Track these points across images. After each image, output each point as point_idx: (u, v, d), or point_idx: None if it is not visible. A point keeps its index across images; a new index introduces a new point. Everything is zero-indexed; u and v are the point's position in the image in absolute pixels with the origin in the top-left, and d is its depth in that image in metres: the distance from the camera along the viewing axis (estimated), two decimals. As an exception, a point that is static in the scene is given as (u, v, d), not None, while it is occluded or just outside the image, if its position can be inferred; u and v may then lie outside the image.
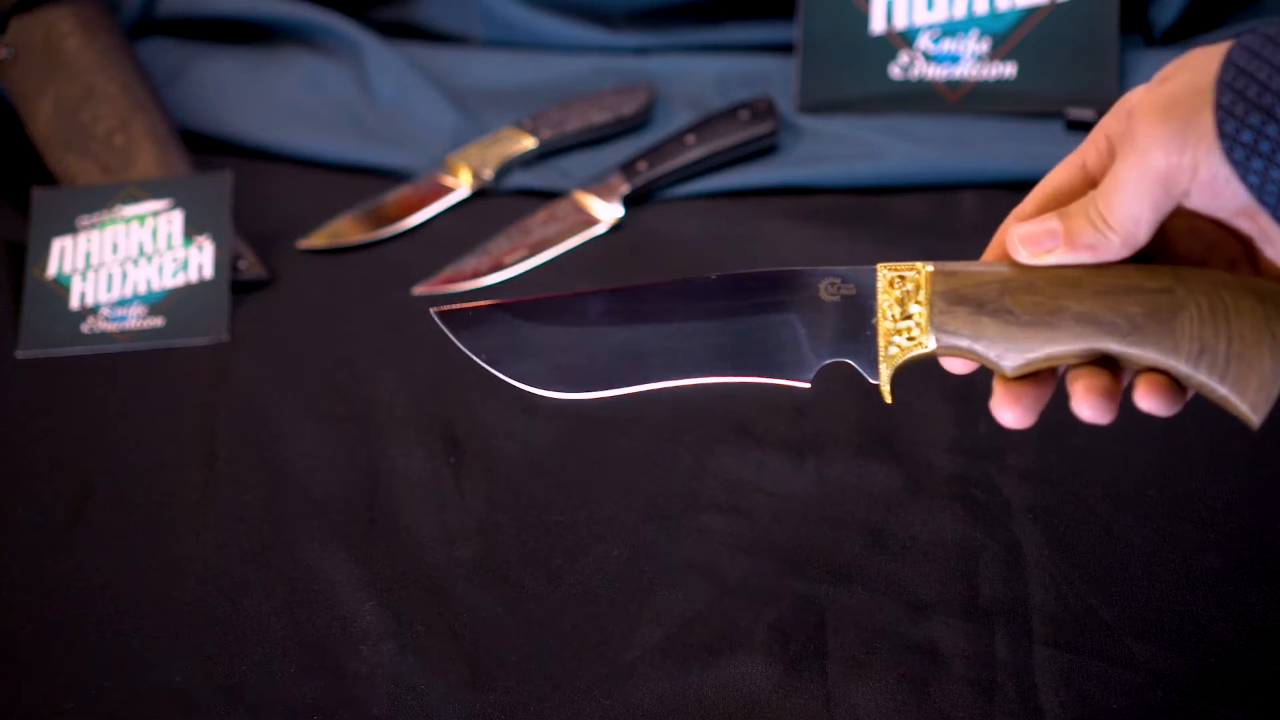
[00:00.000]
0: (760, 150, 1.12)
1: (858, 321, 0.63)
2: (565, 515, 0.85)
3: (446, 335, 0.66)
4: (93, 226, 1.04)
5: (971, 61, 1.14)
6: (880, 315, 0.63)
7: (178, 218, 1.04)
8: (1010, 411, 0.63)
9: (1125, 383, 0.62)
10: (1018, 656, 0.74)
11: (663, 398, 0.91)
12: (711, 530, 0.83)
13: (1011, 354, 0.61)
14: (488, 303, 0.66)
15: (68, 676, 0.77)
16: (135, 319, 1.00)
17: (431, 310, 0.65)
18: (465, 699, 0.74)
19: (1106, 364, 0.62)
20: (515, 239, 1.05)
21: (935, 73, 1.14)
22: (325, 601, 0.80)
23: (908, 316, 0.62)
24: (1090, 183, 0.64)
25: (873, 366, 0.63)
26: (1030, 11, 1.13)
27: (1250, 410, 0.59)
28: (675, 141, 1.10)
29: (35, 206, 1.05)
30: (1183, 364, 0.60)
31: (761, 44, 1.22)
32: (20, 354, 0.99)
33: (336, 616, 0.79)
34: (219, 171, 1.07)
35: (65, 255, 1.03)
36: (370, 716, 0.74)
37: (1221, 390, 0.60)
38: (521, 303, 0.65)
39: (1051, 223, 0.62)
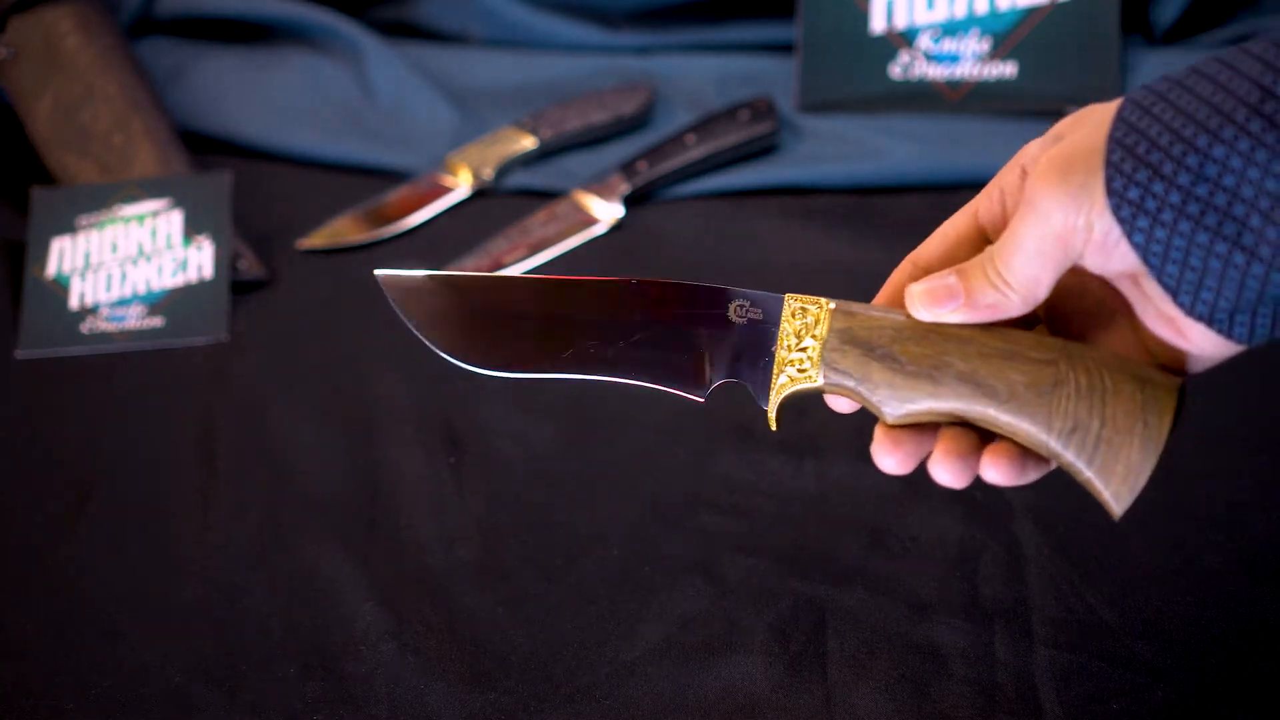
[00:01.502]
0: (760, 150, 1.12)
1: (758, 347, 0.64)
2: (565, 515, 0.85)
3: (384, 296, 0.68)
4: (92, 226, 1.04)
5: (972, 61, 1.14)
6: (779, 344, 0.63)
7: (177, 217, 1.04)
8: (890, 458, 0.63)
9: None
10: (1018, 656, 0.74)
11: (663, 398, 0.91)
12: (711, 530, 0.83)
13: (893, 402, 0.62)
14: (427, 273, 0.67)
15: (68, 677, 0.76)
16: (135, 319, 1.00)
17: (376, 272, 0.67)
18: (465, 699, 0.74)
19: (976, 427, 0.62)
20: (515, 239, 1.05)
21: (935, 72, 1.14)
22: (325, 601, 0.80)
23: (802, 349, 0.63)
24: (981, 232, 0.64)
25: (764, 393, 0.64)
26: (1031, 11, 1.13)
27: (1113, 499, 0.59)
28: (675, 141, 1.10)
29: (35, 206, 1.05)
30: (1054, 439, 0.59)
31: (761, 44, 1.22)
32: (20, 354, 0.99)
33: (336, 616, 0.79)
34: (218, 171, 1.07)
35: (65, 255, 1.03)
36: (370, 716, 0.74)
37: (1087, 474, 0.59)
38: (458, 278, 0.67)
39: (950, 279, 0.61)
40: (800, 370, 0.63)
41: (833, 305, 0.63)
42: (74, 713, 0.75)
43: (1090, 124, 0.58)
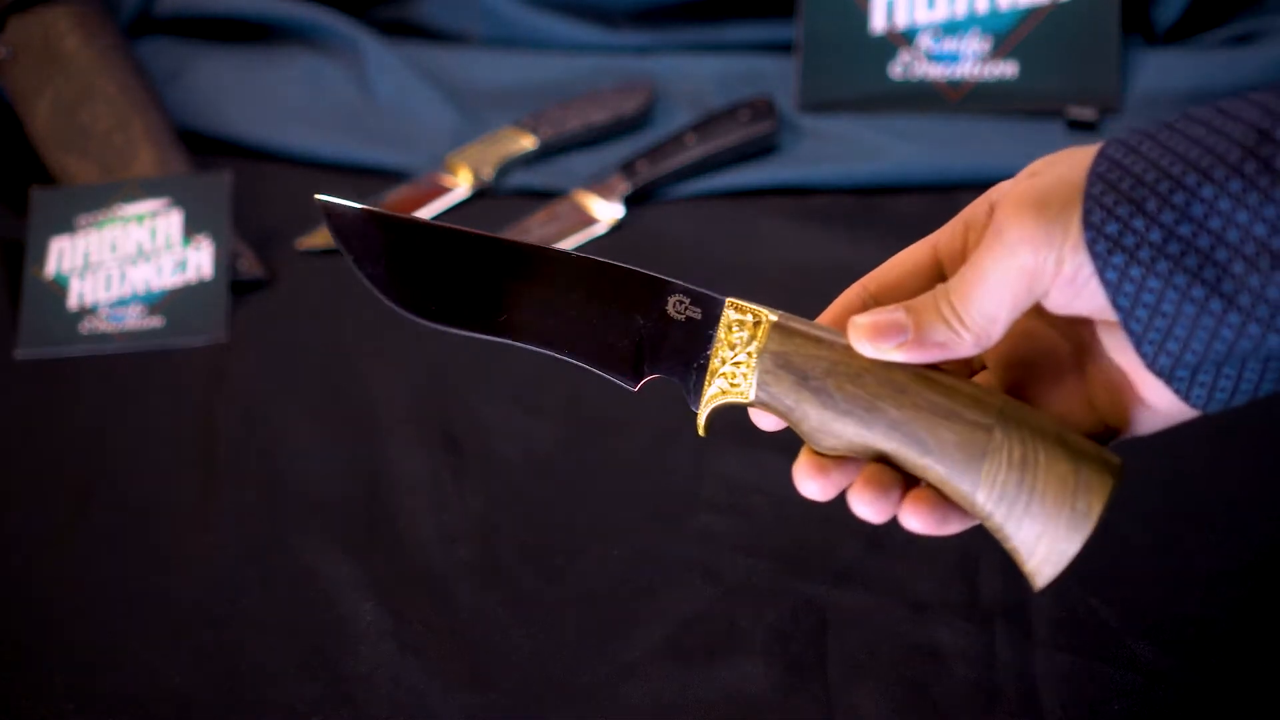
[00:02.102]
0: (760, 150, 1.12)
1: (693, 349, 0.62)
2: (565, 515, 0.84)
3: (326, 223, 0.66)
4: (91, 226, 1.04)
5: (972, 61, 1.14)
6: (714, 352, 0.61)
7: (177, 217, 1.04)
8: (813, 483, 0.60)
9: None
10: (1018, 657, 0.74)
11: (663, 398, 0.91)
12: (711, 531, 0.83)
13: (822, 435, 0.60)
14: (369, 207, 0.65)
15: (67, 677, 0.76)
16: (134, 319, 1.00)
17: (316, 197, 0.65)
18: (465, 699, 0.74)
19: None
20: (515, 239, 1.05)
21: (936, 72, 1.14)
22: (325, 601, 0.80)
23: (735, 363, 0.61)
24: (937, 267, 0.61)
25: (696, 398, 0.62)
26: (1031, 10, 1.13)
27: (1033, 573, 0.58)
28: (675, 141, 1.10)
29: (34, 206, 1.05)
30: (979, 503, 0.57)
31: (762, 43, 1.22)
32: (19, 354, 0.98)
33: (336, 616, 0.79)
34: (218, 171, 1.06)
35: (64, 255, 1.03)
36: (370, 717, 0.74)
37: (1011, 544, 0.58)
38: (401, 220, 0.65)
39: (898, 315, 0.57)
40: (732, 384, 0.61)
41: (774, 318, 0.60)
42: (73, 714, 0.75)
43: (1068, 162, 0.56)
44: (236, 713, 0.74)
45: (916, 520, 0.59)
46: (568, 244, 1.05)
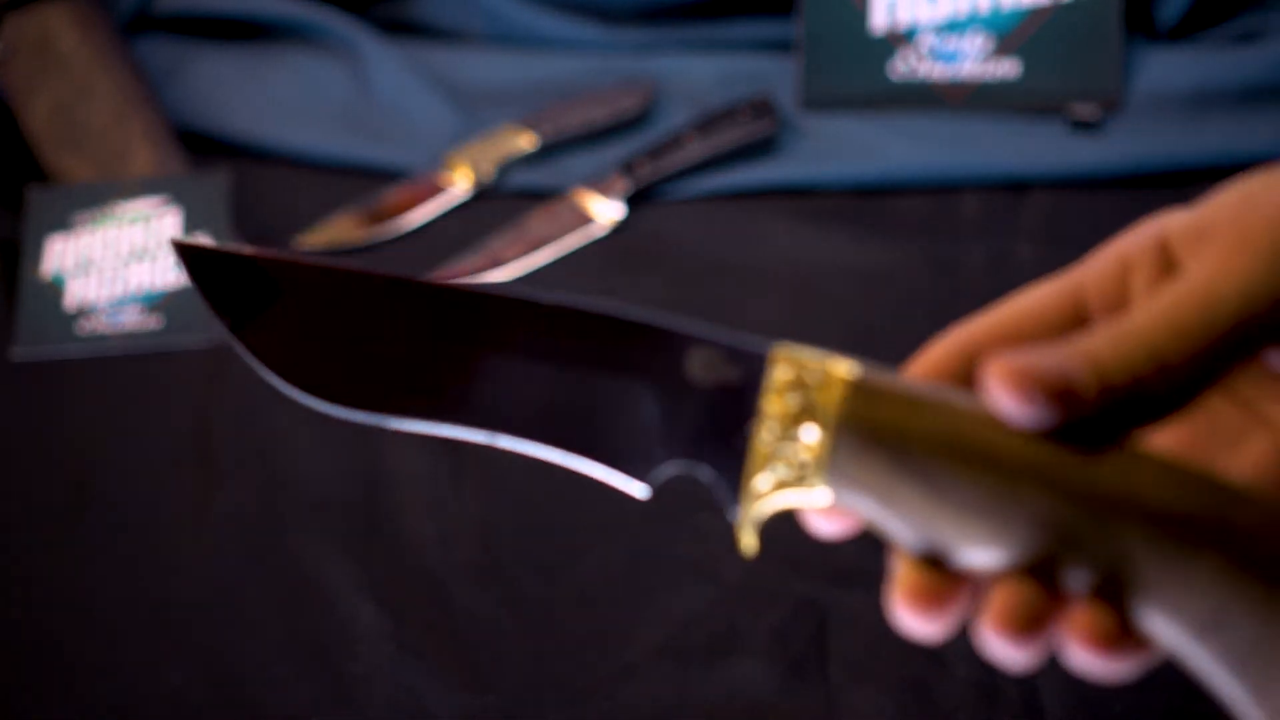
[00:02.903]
0: (761, 149, 1.12)
1: (729, 427, 0.43)
2: (565, 515, 0.84)
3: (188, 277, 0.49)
4: (88, 225, 1.03)
5: (974, 60, 1.14)
6: (760, 424, 0.42)
7: (175, 217, 1.03)
8: (926, 617, 0.41)
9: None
10: (1020, 658, 0.74)
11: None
12: (712, 531, 0.82)
13: (933, 544, 0.41)
14: (252, 250, 0.47)
15: (65, 679, 0.76)
16: (132, 319, 1.00)
17: (171, 239, 0.49)
18: (465, 699, 0.74)
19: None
20: (514, 238, 1.05)
21: (937, 71, 1.14)
22: (324, 602, 0.80)
23: (796, 444, 0.42)
24: (1079, 315, 0.45)
25: (734, 499, 0.43)
26: (1034, 10, 1.13)
27: None
28: (675, 140, 1.10)
29: (30, 205, 1.05)
30: (1179, 630, 0.40)
31: (762, 42, 1.22)
32: (16, 355, 0.98)
33: (335, 618, 0.79)
34: (216, 170, 1.06)
35: (61, 255, 1.02)
36: (369, 717, 0.74)
37: (1231, 685, 0.41)
38: (295, 264, 0.46)
39: (1065, 359, 0.39)
40: (798, 476, 0.42)
41: (850, 374, 0.41)
42: (72, 715, 0.74)
43: None
44: (236, 713, 0.74)
45: (1095, 659, 0.41)
46: (567, 244, 1.05)
